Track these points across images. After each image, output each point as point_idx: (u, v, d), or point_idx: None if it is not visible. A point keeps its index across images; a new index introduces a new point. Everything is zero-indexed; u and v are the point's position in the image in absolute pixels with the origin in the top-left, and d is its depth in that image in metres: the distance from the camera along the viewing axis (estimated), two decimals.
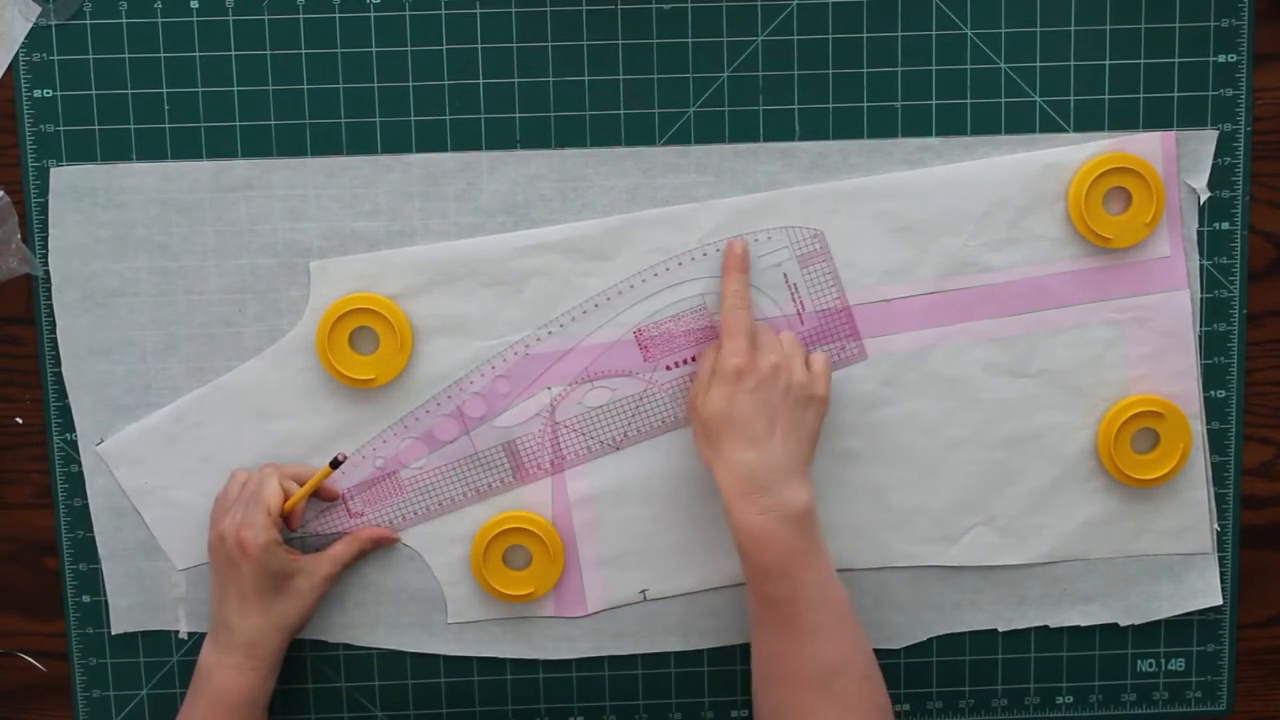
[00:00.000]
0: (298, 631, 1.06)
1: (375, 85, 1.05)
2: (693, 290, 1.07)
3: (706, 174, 1.06)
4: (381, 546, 1.09)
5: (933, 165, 1.06)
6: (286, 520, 1.06)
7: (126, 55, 1.04)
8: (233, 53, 1.04)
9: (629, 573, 1.09)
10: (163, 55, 1.04)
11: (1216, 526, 1.11)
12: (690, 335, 1.07)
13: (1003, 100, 1.06)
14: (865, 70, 1.06)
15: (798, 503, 0.98)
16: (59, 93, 1.04)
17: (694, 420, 1.02)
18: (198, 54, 1.04)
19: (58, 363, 1.07)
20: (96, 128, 1.04)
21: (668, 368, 1.07)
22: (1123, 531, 1.11)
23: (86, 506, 1.08)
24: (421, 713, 1.11)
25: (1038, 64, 1.06)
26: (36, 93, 1.04)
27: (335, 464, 1.04)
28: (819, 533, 1.00)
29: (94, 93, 1.04)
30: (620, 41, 1.05)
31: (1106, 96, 1.06)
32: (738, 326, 1.02)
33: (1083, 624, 1.12)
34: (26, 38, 1.04)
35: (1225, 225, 1.08)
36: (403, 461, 1.08)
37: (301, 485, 1.06)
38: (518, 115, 1.05)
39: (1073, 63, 1.06)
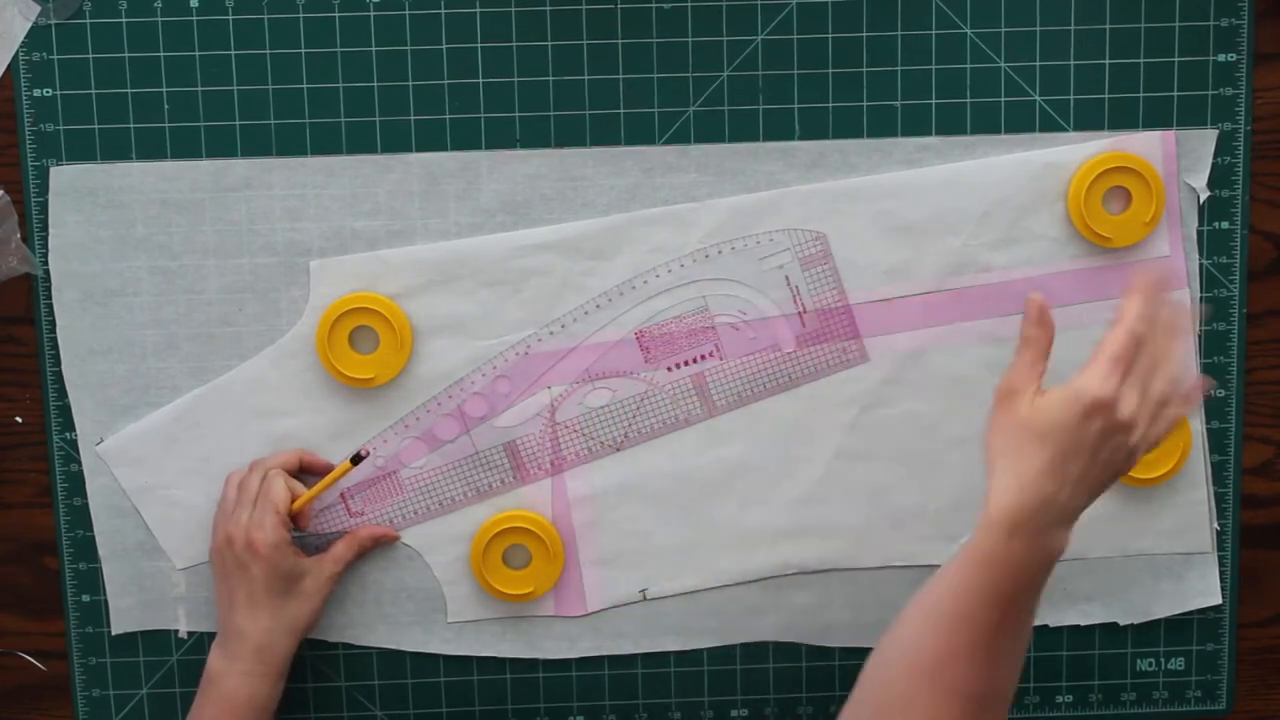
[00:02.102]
0: (306, 634, 1.06)
1: (375, 85, 1.05)
2: (695, 292, 1.07)
3: (706, 173, 1.06)
4: (382, 545, 1.09)
5: (932, 165, 1.06)
6: (295, 520, 1.06)
7: (126, 55, 1.04)
8: (232, 52, 1.04)
9: (629, 572, 1.09)
10: (162, 55, 1.04)
11: (1216, 526, 1.11)
12: (692, 336, 1.07)
13: (1002, 100, 1.06)
14: (865, 70, 1.06)
15: (1058, 548, 0.88)
16: (59, 92, 1.04)
17: (1005, 407, 0.90)
18: (197, 53, 1.04)
19: (58, 362, 1.07)
20: (96, 127, 1.04)
21: (669, 369, 1.07)
22: (1123, 531, 1.11)
23: (86, 506, 1.08)
24: (421, 712, 1.11)
25: (1037, 63, 1.06)
26: (36, 92, 1.04)
27: (357, 459, 1.04)
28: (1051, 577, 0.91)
29: (94, 92, 1.04)
30: (620, 41, 1.05)
31: (1106, 96, 1.06)
32: (1117, 351, 0.89)
33: (1082, 623, 1.12)
34: (26, 37, 1.04)
35: (1225, 225, 1.08)
36: (403, 461, 1.08)
37: (296, 473, 1.06)
38: (517, 115, 1.05)
39: (1073, 62, 1.06)
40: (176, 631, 1.10)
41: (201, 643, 1.09)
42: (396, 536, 1.09)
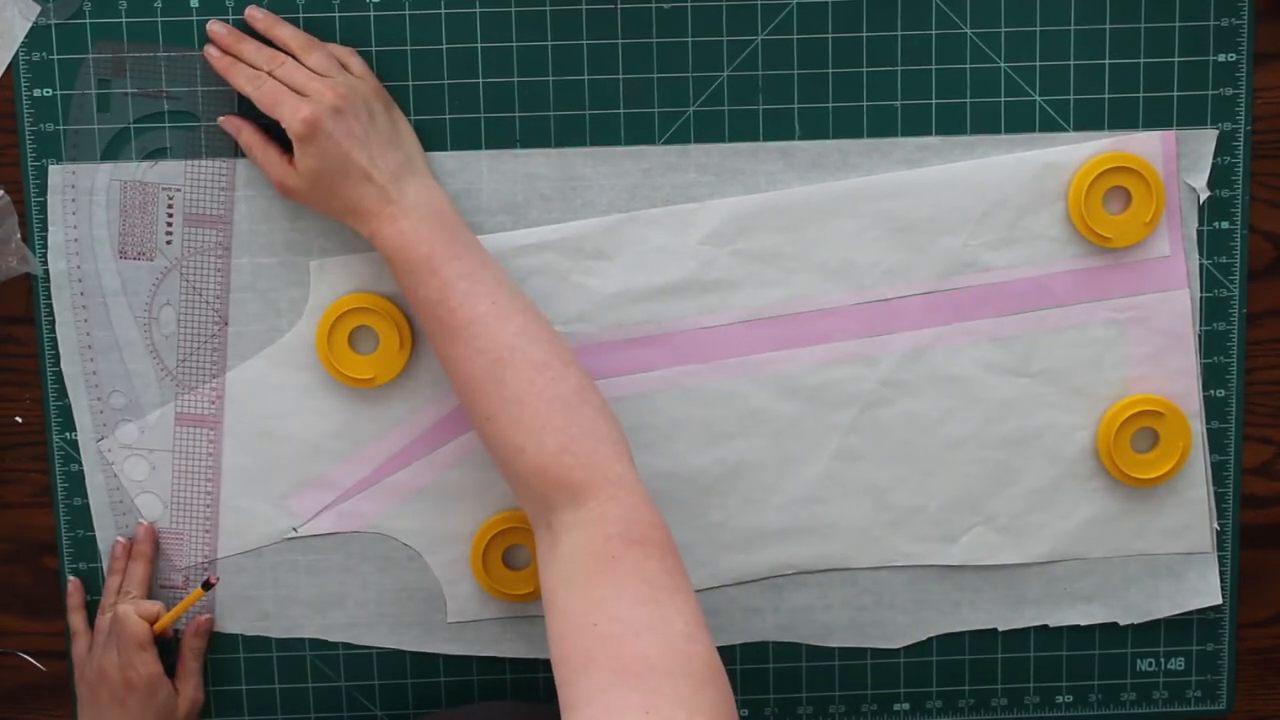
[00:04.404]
0: None
1: None
2: (696, 292, 1.07)
3: (706, 173, 1.06)
4: (203, 636, 1.08)
5: (932, 165, 1.06)
6: (159, 635, 1.05)
7: (126, 55, 1.04)
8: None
9: None
10: (162, 55, 1.04)
11: (1216, 526, 1.11)
12: (693, 336, 1.07)
13: (1002, 100, 1.06)
14: (865, 70, 1.06)
15: (432, 201, 0.98)
16: (58, 92, 1.04)
17: (294, 195, 1.00)
18: (197, 54, 1.04)
19: (57, 362, 1.07)
20: (96, 127, 1.04)
21: (670, 369, 1.07)
22: (1122, 531, 1.11)
23: (86, 506, 1.08)
24: (421, 712, 1.11)
25: (1037, 63, 1.06)
26: (36, 92, 1.04)
27: (207, 586, 1.03)
28: (461, 229, 0.98)
29: (94, 92, 1.04)
30: (620, 41, 1.05)
31: (1106, 96, 1.06)
32: (272, 97, 0.97)
33: (1082, 623, 1.12)
34: (26, 37, 1.04)
35: (1225, 224, 1.08)
36: (403, 461, 1.08)
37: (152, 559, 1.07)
38: (517, 115, 1.05)
39: (1072, 62, 1.06)
40: (176, 631, 1.10)
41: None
42: (209, 620, 1.08)
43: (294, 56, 1.00)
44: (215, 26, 1.01)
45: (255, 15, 1.01)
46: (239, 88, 1.00)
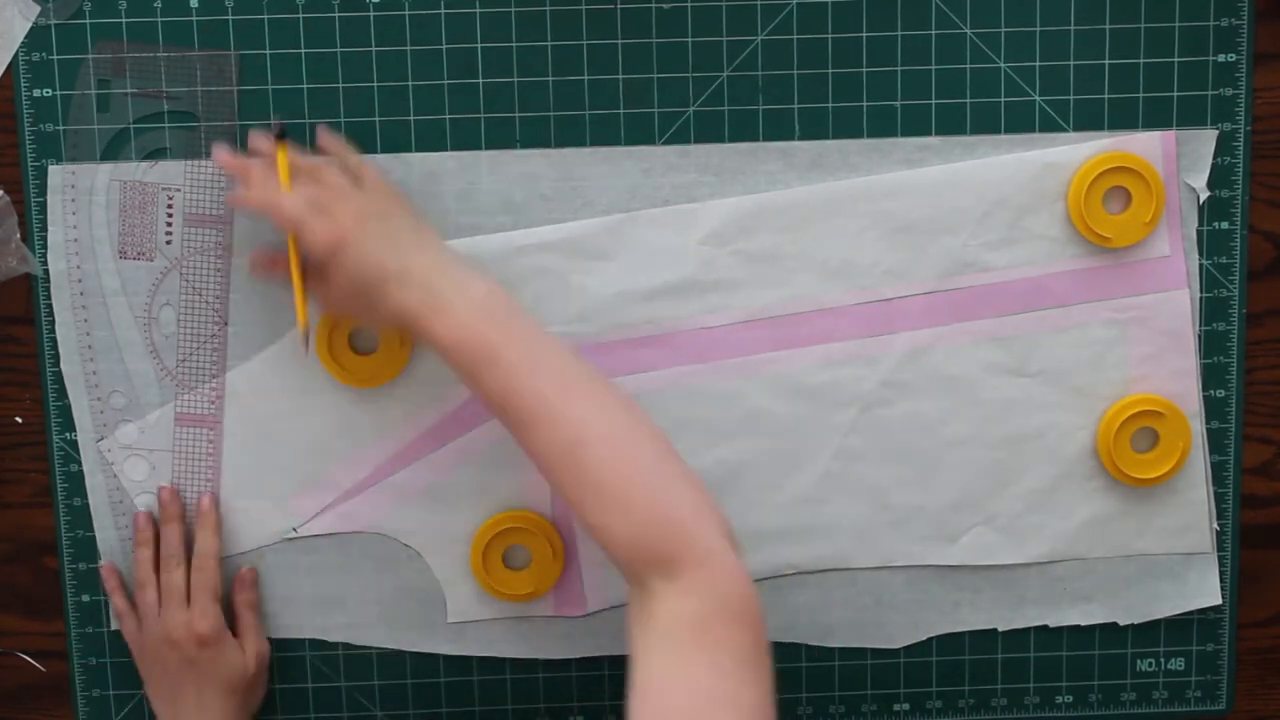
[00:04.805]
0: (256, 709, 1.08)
1: (375, 85, 1.05)
2: (696, 293, 1.07)
3: (707, 174, 1.06)
4: (251, 588, 1.08)
5: (932, 165, 1.06)
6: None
7: (126, 55, 1.04)
8: (232, 52, 1.04)
9: None
10: (162, 55, 1.04)
11: (1216, 526, 1.11)
12: (694, 337, 1.07)
13: (1002, 100, 1.06)
14: (865, 70, 1.06)
15: (476, 292, 0.95)
16: (58, 92, 1.04)
17: (339, 312, 1.00)
18: (197, 54, 1.04)
19: (57, 362, 1.07)
20: (96, 127, 1.04)
21: (670, 369, 1.07)
22: (1122, 531, 1.11)
23: (86, 506, 1.08)
24: (421, 712, 1.11)
25: (1037, 63, 1.06)
26: (36, 92, 1.04)
27: (281, 135, 0.99)
28: (516, 313, 0.96)
29: (94, 93, 1.04)
30: (620, 41, 1.05)
31: (1106, 96, 1.06)
32: (295, 220, 0.96)
33: (1082, 623, 1.12)
34: (26, 37, 1.04)
35: (1225, 225, 1.08)
36: (403, 461, 1.08)
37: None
38: (517, 115, 1.05)
39: (1072, 62, 1.06)
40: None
41: None
42: (253, 571, 1.08)
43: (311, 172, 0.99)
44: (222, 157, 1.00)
45: (260, 147, 1.00)
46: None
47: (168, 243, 1.06)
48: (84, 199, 1.05)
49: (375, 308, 0.96)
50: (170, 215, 1.05)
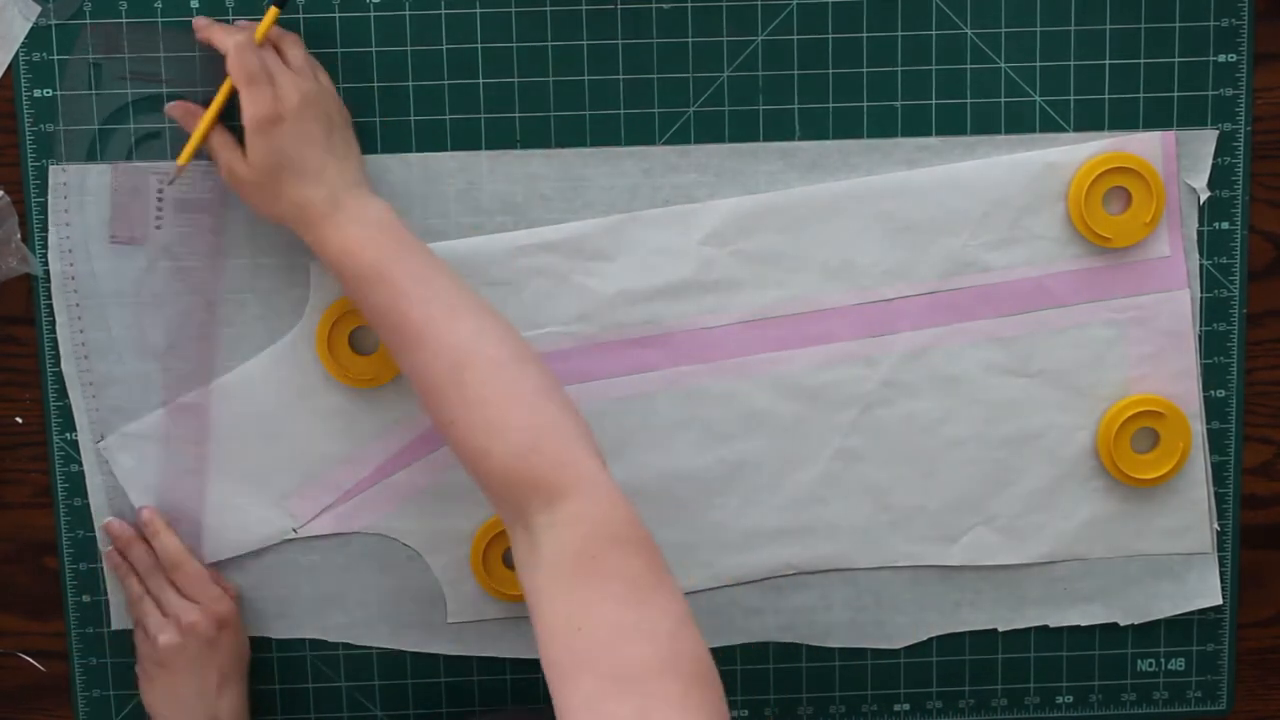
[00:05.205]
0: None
1: (375, 85, 1.05)
2: (697, 293, 1.07)
3: (707, 174, 1.06)
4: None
5: (932, 165, 1.06)
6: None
7: (126, 55, 1.04)
8: None
9: None
10: (162, 55, 1.04)
11: (1216, 526, 1.11)
12: (694, 337, 1.07)
13: (1002, 100, 1.06)
14: (865, 70, 1.06)
15: (378, 209, 0.97)
16: (59, 92, 1.04)
17: (239, 186, 0.98)
18: (197, 54, 1.04)
19: (57, 362, 1.07)
20: (96, 127, 1.04)
21: (670, 369, 1.07)
22: (1123, 531, 1.11)
23: (86, 506, 1.08)
24: (421, 712, 1.11)
25: (1038, 64, 1.06)
26: (36, 92, 1.04)
27: (281, 2, 1.00)
28: (409, 236, 0.97)
29: (94, 93, 1.04)
30: (620, 41, 1.05)
31: (1106, 96, 1.06)
32: (249, 74, 0.96)
33: (1083, 624, 1.12)
34: (26, 37, 1.04)
35: (1225, 225, 1.08)
36: (403, 461, 1.08)
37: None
38: (517, 115, 1.05)
39: (1073, 62, 1.06)
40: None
41: None
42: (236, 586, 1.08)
43: (278, 49, 0.99)
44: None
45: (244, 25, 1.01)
46: (218, 45, 0.99)
47: (157, 228, 1.05)
48: (83, 199, 1.05)
49: (278, 198, 0.97)
50: (160, 200, 1.05)
